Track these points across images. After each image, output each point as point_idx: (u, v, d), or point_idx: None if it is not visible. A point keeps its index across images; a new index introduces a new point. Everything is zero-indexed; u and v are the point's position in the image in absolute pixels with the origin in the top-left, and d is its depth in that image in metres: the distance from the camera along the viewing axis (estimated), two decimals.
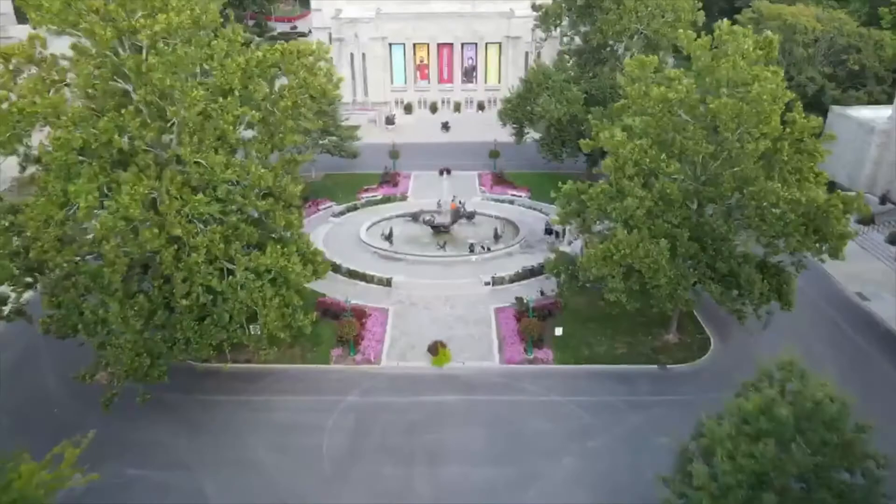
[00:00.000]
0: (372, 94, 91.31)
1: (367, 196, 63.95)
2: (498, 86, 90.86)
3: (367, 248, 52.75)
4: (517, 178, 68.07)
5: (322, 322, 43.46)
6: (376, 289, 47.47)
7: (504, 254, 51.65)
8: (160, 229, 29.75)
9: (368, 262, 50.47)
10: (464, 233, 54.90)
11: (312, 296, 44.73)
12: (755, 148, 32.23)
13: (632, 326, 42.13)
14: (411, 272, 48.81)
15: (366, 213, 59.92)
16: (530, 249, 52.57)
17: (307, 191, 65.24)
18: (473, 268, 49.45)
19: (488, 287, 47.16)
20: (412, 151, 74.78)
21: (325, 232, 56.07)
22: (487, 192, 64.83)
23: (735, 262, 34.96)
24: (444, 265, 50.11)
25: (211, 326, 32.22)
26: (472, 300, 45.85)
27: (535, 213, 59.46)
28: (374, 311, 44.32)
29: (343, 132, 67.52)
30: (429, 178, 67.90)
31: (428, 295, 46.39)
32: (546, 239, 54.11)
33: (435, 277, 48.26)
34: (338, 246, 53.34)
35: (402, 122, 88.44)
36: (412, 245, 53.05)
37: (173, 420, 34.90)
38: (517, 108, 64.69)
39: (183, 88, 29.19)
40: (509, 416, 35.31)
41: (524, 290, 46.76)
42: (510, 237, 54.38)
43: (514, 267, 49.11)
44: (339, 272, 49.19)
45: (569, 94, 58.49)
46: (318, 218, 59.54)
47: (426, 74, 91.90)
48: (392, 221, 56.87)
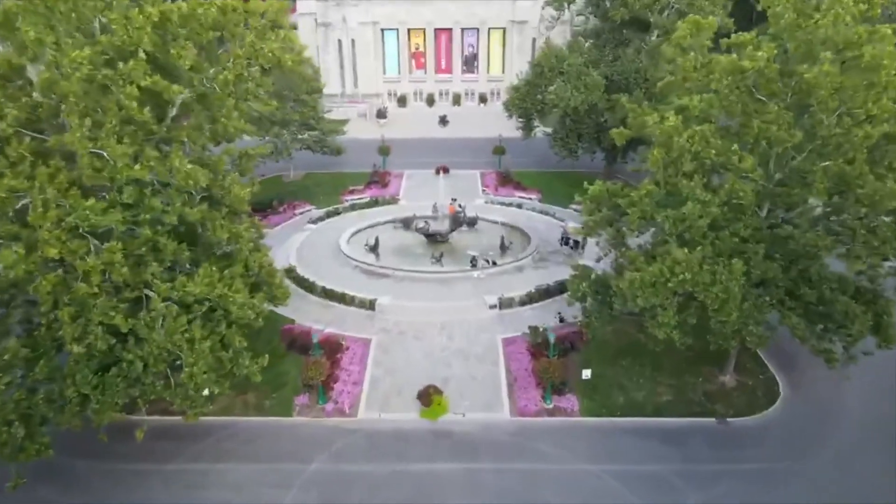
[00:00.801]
0: (362, 86, 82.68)
1: (352, 198, 55.16)
2: (501, 76, 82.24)
3: (349, 261, 43.93)
4: (525, 177, 59.27)
5: (288, 357, 34.79)
6: (357, 313, 38.64)
7: (513, 268, 42.83)
8: (29, 249, 20.95)
9: (349, 279, 41.69)
10: (464, 242, 46.13)
11: (277, 322, 36.09)
12: (865, 135, 23.37)
13: (676, 363, 33.32)
14: (400, 291, 40.02)
15: (349, 218, 51.12)
16: (544, 263, 43.78)
17: (282, 192, 56.91)
18: (476, 286, 40.64)
19: (494, 311, 38.36)
20: (406, 148, 66.10)
21: (300, 241, 47.26)
22: (491, 193, 56.02)
23: (826, 288, 26.17)
24: (440, 283, 41.26)
25: (117, 379, 23.48)
26: (475, 328, 37.06)
27: (548, 220, 50.68)
28: (352, 342, 35.48)
29: (325, 125, 58.70)
30: (424, 178, 59.13)
31: (419, 321, 37.58)
32: (563, 251, 45.33)
33: (428, 298, 39.44)
34: (314, 258, 44.60)
35: (396, 116, 79.66)
36: (402, 258, 44.24)
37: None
38: (526, 97, 55.87)
39: (60, 45, 20.39)
40: (523, 494, 26.50)
41: (539, 314, 37.99)
42: (519, 248, 45.57)
43: (526, 285, 40.32)
44: (314, 292, 40.42)
45: (587, 80, 49.68)
46: (293, 224, 50.79)
47: (422, 63, 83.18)
48: (379, 229, 48.09)
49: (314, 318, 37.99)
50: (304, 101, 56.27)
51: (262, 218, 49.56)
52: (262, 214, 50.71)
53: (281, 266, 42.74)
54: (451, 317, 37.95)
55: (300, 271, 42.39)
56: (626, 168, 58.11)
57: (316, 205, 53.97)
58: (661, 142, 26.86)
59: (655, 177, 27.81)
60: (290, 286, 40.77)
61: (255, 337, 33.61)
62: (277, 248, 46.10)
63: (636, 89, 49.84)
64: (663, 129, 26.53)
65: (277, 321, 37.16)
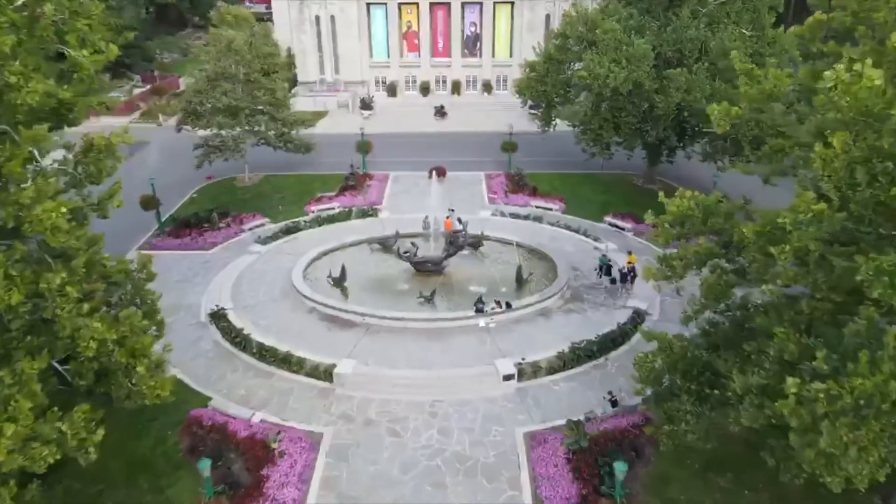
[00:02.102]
0: (344, 72, 69.94)
1: (320, 208, 42.37)
2: (509, 60, 69.51)
3: (303, 300, 31.17)
4: (542, 181, 46.48)
5: (184, 473, 22.02)
6: (306, 387, 25.91)
7: (535, 313, 30.08)
8: None
9: (301, 330, 29.04)
10: (465, 273, 33.45)
11: (182, 402, 23.71)
12: None
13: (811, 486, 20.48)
14: (371, 350, 27.31)
15: (312, 236, 38.36)
16: (579, 305, 31.06)
17: (228, 201, 43.36)
18: (483, 341, 27.96)
19: (511, 383, 25.64)
20: (393, 145, 53.59)
21: (240, 270, 34.46)
22: (500, 201, 43.21)
23: None
24: (432, 336, 28.47)
25: None
26: (483, 414, 24.30)
27: (578, 239, 37.95)
28: (290, 442, 22.67)
29: (287, 115, 45.89)
30: (414, 182, 46.42)
31: (398, 401, 24.86)
32: (602, 284, 32.61)
33: (413, 362, 26.72)
34: (255, 297, 31.89)
35: (383, 108, 66.86)
36: (378, 296, 31.48)
37: None
38: (545, 78, 43.01)
39: None
40: None
41: (578, 391, 25.30)
42: (542, 280, 32.82)
43: (555, 340, 27.66)
44: (247, 350, 27.68)
45: (630, 51, 36.85)
46: (238, 244, 37.96)
47: (415, 45, 70.41)
48: (348, 253, 35.35)
49: (241, 396, 25.28)
50: (258, 81, 43.52)
51: (197, 236, 37.18)
52: (197, 232, 38.12)
53: (206, 310, 30.32)
54: (447, 393, 25.20)
55: (233, 317, 29.68)
56: (669, 169, 45.53)
57: (271, 217, 41.18)
58: (846, 117, 13.97)
59: (821, 183, 14.99)
60: (216, 343, 28.38)
61: (137, 428, 21.73)
62: (205, 280, 33.48)
63: (695, 63, 37.16)
64: (853, 92, 13.61)
65: (184, 400, 24.55)
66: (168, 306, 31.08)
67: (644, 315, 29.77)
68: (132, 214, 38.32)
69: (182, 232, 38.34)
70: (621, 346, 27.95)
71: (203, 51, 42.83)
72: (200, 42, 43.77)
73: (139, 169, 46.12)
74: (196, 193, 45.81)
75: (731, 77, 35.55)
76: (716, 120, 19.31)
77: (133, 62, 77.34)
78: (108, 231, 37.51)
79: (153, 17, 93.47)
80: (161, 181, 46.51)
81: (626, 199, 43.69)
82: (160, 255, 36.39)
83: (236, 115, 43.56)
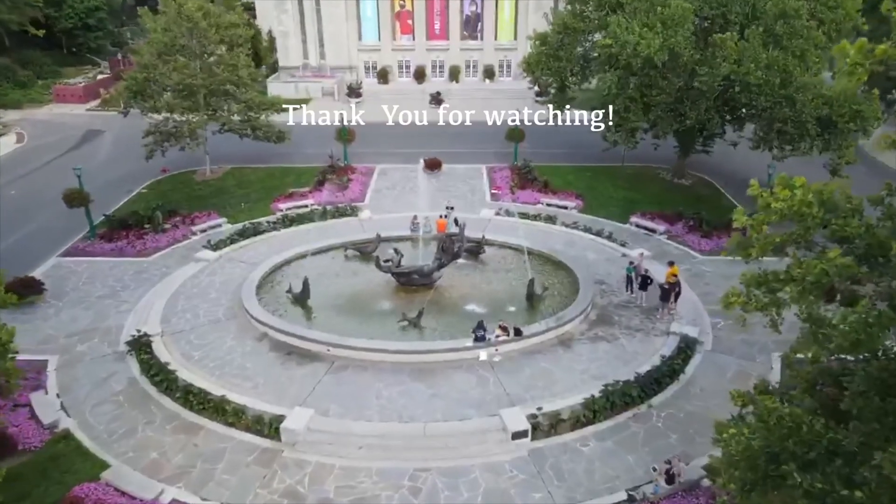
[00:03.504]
0: (331, 56, 63.17)
1: (290, 206, 35.44)
2: (514, 43, 62.82)
3: (252, 323, 24.23)
4: (553, 175, 39.45)
5: None
6: (244, 446, 18.94)
7: (553, 341, 23.11)
8: None
9: (246, 362, 22.13)
10: (461, 289, 26.48)
11: (68, 471, 17.10)
12: None
13: None
14: (334, 395, 20.38)
15: (275, 240, 31.44)
16: (608, 330, 24.07)
17: (180, 198, 35.49)
18: (484, 382, 21.00)
19: (523, 444, 18.68)
20: (382, 135, 46.86)
21: (179, 282, 27.51)
22: (504, 198, 36.24)
23: None
24: (416, 374, 21.46)
25: None
26: (483, 490, 17.34)
27: (601, 244, 31.05)
28: None
29: (254, 97, 38.93)
30: (403, 176, 39.53)
31: (367, 471, 17.91)
32: (635, 301, 25.69)
33: (389, 411, 19.76)
34: (192, 318, 24.94)
35: (374, 95, 59.91)
36: (349, 317, 24.52)
37: None
38: (559, 51, 36.00)
39: None
40: None
41: (614, 454, 18.37)
42: (560, 297, 25.85)
43: (580, 381, 20.85)
44: (171, 391, 20.75)
45: (666, 14, 29.89)
46: (184, 249, 30.96)
47: (409, 27, 63.52)
48: (317, 260, 28.44)
49: (151, 462, 18.32)
50: (217, 56, 36.66)
51: (135, 240, 30.39)
52: (136, 234, 31.30)
53: (127, 334, 23.55)
54: (435, 458, 18.26)
55: (158, 346, 22.77)
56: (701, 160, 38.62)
57: (229, 217, 34.24)
58: None
59: None
60: (131, 382, 21.59)
61: None
62: (135, 296, 26.74)
63: (747, 26, 30.28)
64: None
65: (70, 468, 17.78)
66: (80, 330, 24.56)
67: (694, 345, 22.85)
68: (68, 214, 31.62)
69: (117, 234, 31.43)
70: (668, 388, 21.06)
71: (149, 17, 35.85)
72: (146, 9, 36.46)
73: (86, 161, 39.33)
74: (146, 189, 38.85)
75: (792, 45, 28.83)
76: (850, 61, 12.29)
77: (100, 45, 70.69)
78: (33, 233, 30.60)
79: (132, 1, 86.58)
80: (109, 175, 40.06)
81: (653, 197, 36.80)
82: (86, 262, 29.73)
83: (193, 96, 36.66)
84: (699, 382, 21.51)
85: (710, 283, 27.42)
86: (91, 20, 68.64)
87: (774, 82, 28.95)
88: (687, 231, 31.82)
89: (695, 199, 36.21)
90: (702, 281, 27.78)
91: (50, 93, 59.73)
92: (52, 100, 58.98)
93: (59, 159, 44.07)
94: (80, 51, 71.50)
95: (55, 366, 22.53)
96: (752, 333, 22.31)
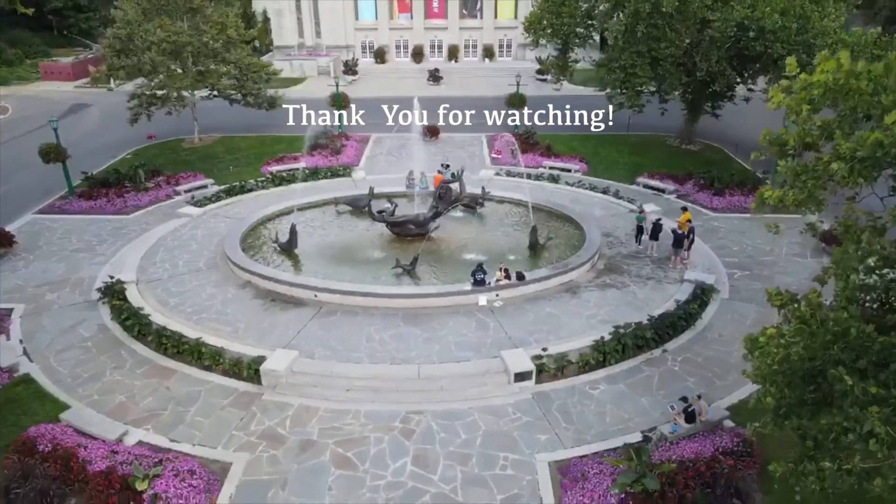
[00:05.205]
0: (327, 35, 61.77)
1: (280, 169, 33.79)
2: (514, 22, 61.45)
3: (234, 271, 22.57)
4: (556, 142, 37.75)
5: None
6: (220, 390, 17.22)
7: (559, 287, 21.44)
8: None
9: (226, 308, 20.45)
10: (459, 238, 24.84)
11: (24, 409, 15.37)
12: None
13: None
14: (321, 340, 18.68)
15: (263, 198, 29.79)
16: (617, 278, 22.39)
17: (166, 161, 34.43)
18: (484, 326, 19.31)
19: (526, 386, 16.98)
20: (379, 109, 44.98)
21: (159, 235, 25.84)
22: (505, 161, 34.63)
23: None
24: (410, 319, 19.73)
25: None
26: (483, 432, 15.62)
27: (607, 200, 29.46)
28: (178, 475, 13.91)
29: (244, 59, 37.32)
30: (399, 143, 37.82)
31: (355, 413, 16.20)
32: (644, 251, 24.04)
33: (380, 354, 18.06)
34: (173, 268, 23.27)
35: (370, 74, 58.42)
36: (338, 266, 22.84)
37: None
38: (561, 7, 34.38)
39: None
40: None
41: (627, 397, 16.70)
42: (564, 245, 24.21)
43: (589, 324, 19.21)
44: (143, 336, 19.06)
45: None
46: (167, 208, 29.24)
47: (407, 6, 62.15)
48: (307, 214, 26.81)
49: (118, 405, 16.63)
50: (202, 11, 35.15)
51: (115, 198, 28.79)
52: (117, 192, 29.68)
53: (101, 282, 21.90)
54: (429, 401, 16.57)
55: (132, 293, 21.11)
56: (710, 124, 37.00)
57: (216, 179, 32.61)
58: None
59: None
60: (101, 328, 19.93)
61: None
62: (112, 249, 25.15)
63: None
64: None
65: (28, 410, 16.18)
66: (52, 281, 22.84)
67: (710, 292, 21.17)
68: (47, 175, 30.07)
69: (97, 192, 29.78)
70: (684, 333, 19.38)
71: None
72: None
73: (70, 131, 37.79)
74: (131, 154, 37.25)
75: None
76: None
77: (91, 26, 69.32)
78: (9, 192, 28.90)
79: None
80: (97, 142, 38.61)
81: (661, 161, 35.15)
82: (63, 220, 28.08)
83: (178, 55, 35.08)
84: (717, 328, 19.82)
85: (724, 238, 25.80)
86: (81, 0, 67.25)
87: (791, 27, 27.36)
88: (697, 190, 30.19)
89: (704, 163, 34.50)
90: (715, 235, 26.13)
91: (38, 71, 58.22)
92: (39, 77, 57.48)
93: (42, 130, 42.34)
94: (70, 32, 70.05)
95: (20, 314, 20.85)
96: (771, 282, 20.77)
